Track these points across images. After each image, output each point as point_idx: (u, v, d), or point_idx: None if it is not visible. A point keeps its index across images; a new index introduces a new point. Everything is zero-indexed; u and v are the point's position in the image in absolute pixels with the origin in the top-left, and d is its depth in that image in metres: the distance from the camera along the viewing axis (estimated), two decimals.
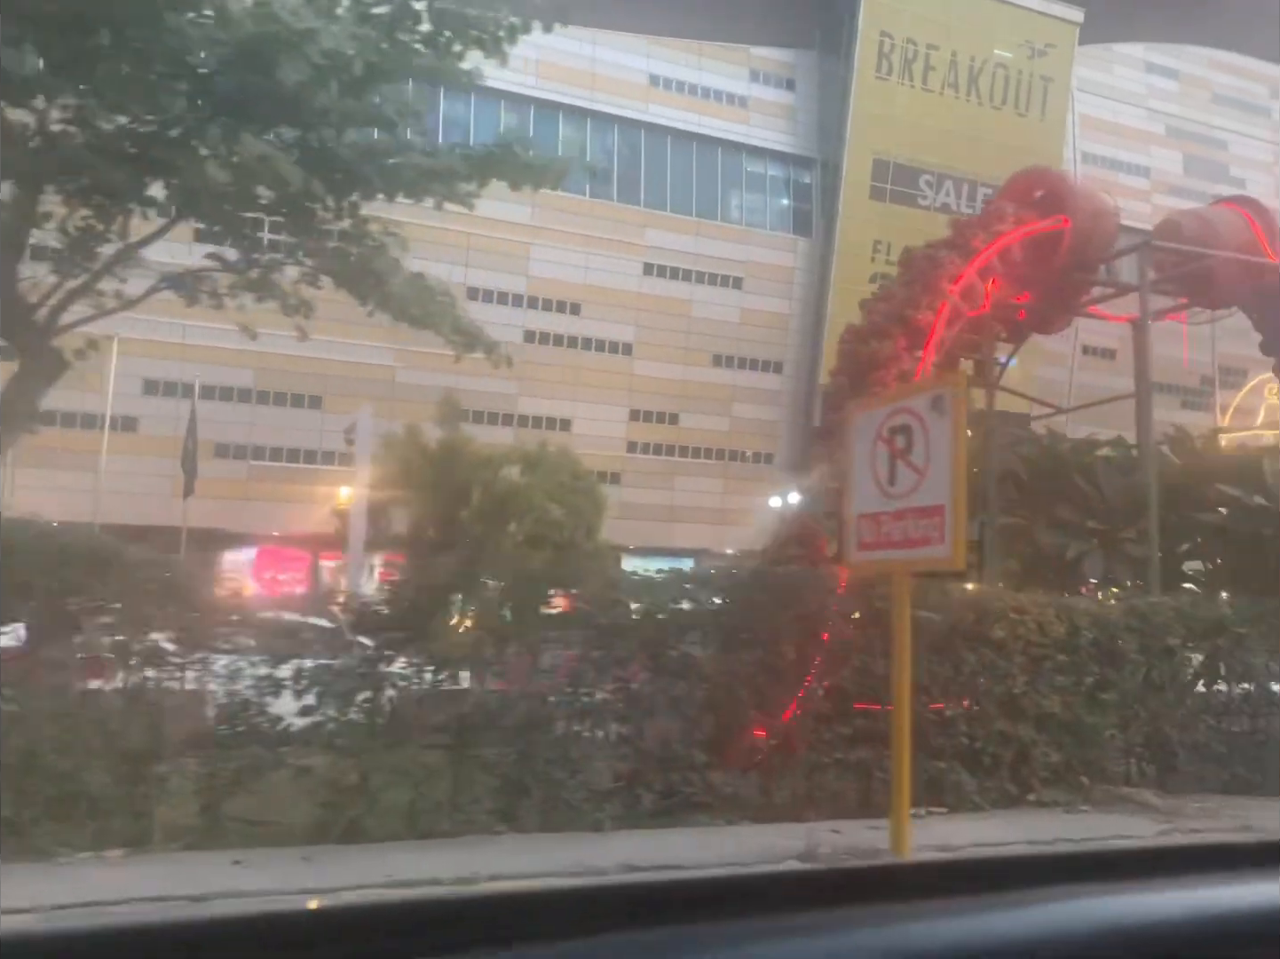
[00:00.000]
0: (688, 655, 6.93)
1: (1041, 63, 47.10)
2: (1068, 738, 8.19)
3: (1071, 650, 8.23)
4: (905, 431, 5.89)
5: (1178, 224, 13.05)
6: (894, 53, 46.32)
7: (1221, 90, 50.11)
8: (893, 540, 5.95)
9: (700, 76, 47.62)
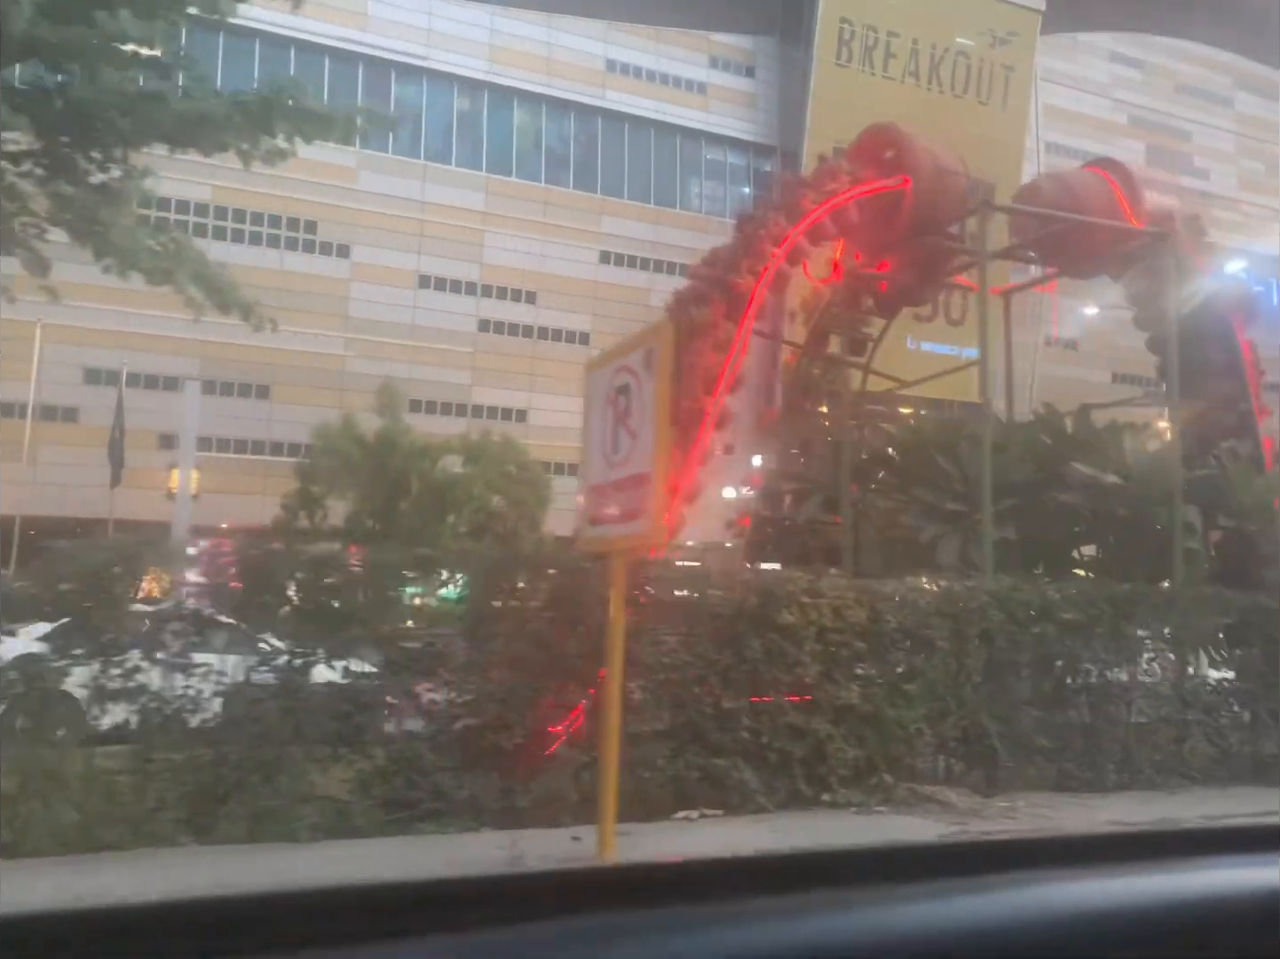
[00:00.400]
0: (429, 648, 6.50)
1: (1003, 51, 46.77)
2: (870, 732, 7.75)
3: (874, 637, 7.79)
4: (626, 392, 5.37)
5: (1038, 187, 12.49)
6: (854, 40, 45.94)
7: (1185, 80, 49.87)
8: (610, 515, 5.44)
9: (659, 62, 47.13)
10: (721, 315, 9.69)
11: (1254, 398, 12.19)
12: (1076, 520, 11.43)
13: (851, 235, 11.73)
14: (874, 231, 11.54)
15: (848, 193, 10.81)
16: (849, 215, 10.90)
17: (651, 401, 5.03)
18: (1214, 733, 9.61)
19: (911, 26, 45.75)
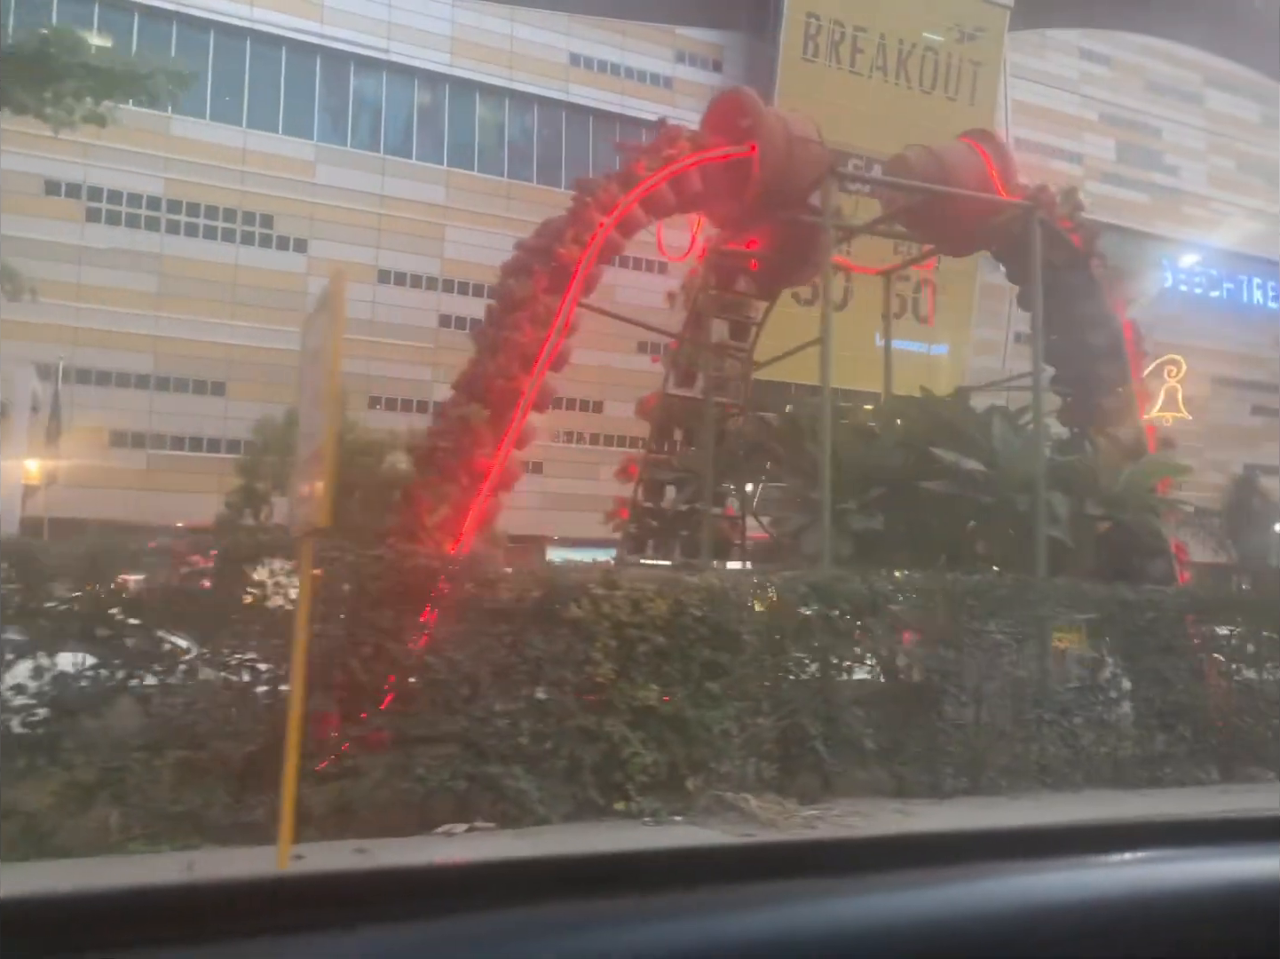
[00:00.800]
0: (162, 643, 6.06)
1: (971, 47, 46.52)
2: (673, 735, 7.28)
3: (678, 632, 7.32)
4: (316, 357, 4.86)
5: (904, 158, 11.97)
6: (821, 34, 45.64)
7: (1155, 78, 49.65)
8: (300, 495, 4.95)
9: (623, 56, 46.77)
10: (542, 288, 9.23)
11: (1135, 382, 11.77)
12: (944, 509, 11.02)
13: (699, 206, 11.24)
14: (724, 203, 11.04)
15: (688, 159, 10.31)
16: (691, 184, 10.41)
17: (322, 362, 4.53)
18: (1068, 734, 9.18)
19: (879, 21, 45.49)
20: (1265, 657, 10.81)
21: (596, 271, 9.95)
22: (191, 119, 37.76)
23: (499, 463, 8.99)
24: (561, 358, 9.58)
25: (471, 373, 9.66)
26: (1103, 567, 11.73)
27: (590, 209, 9.69)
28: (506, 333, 9.07)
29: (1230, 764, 10.25)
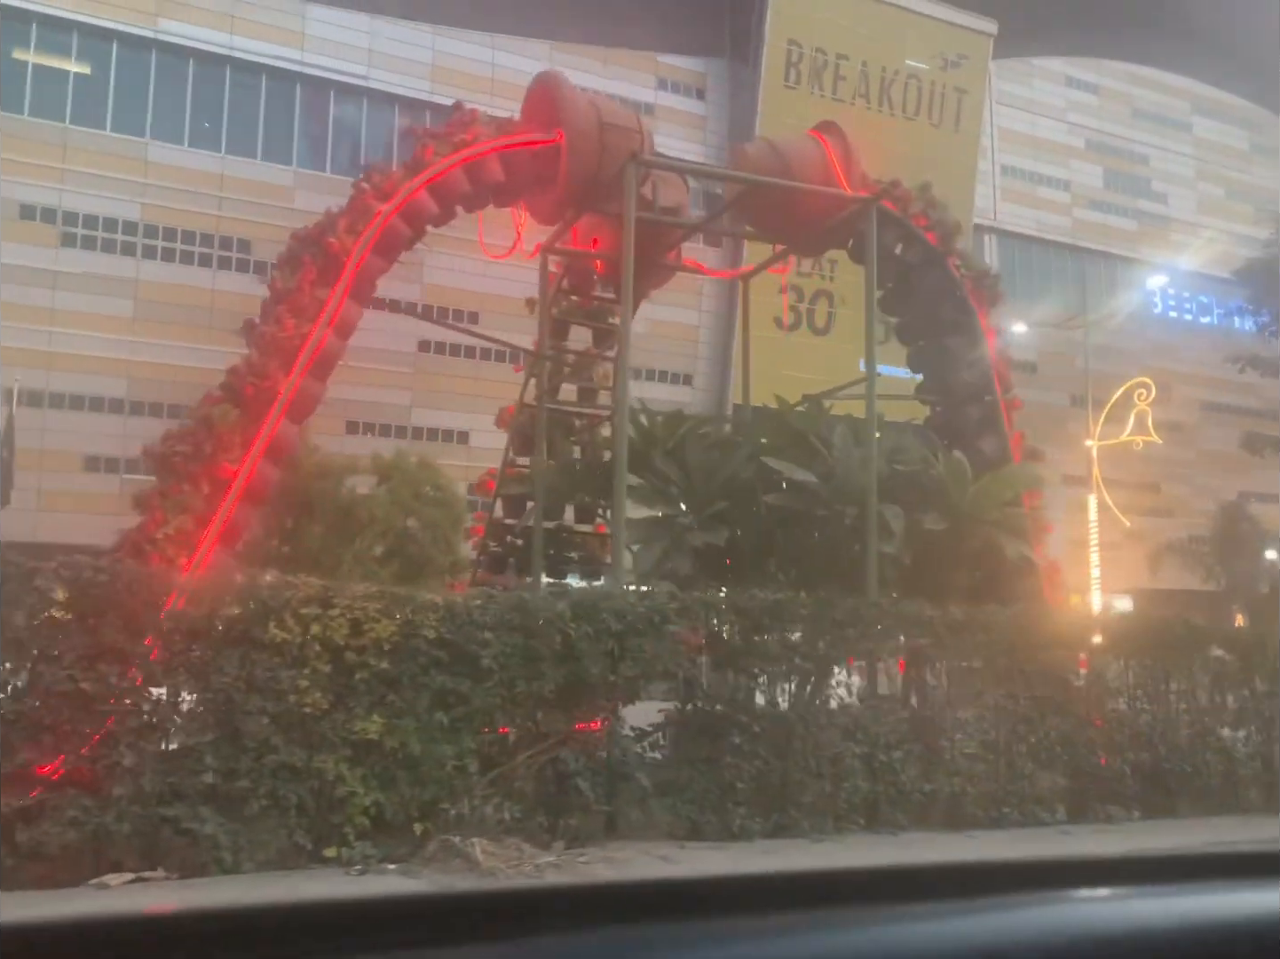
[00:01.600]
0: None
1: (955, 74, 46.44)
2: (401, 773, 6.66)
3: (406, 657, 6.73)
4: None
5: (744, 151, 11.37)
6: (803, 62, 45.68)
7: (1142, 105, 49.40)
8: None
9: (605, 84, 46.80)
10: (310, 280, 8.72)
11: (999, 391, 11.14)
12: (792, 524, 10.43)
13: (508, 196, 10.73)
14: (537, 194, 10.52)
15: (482, 146, 9.78)
16: (491, 172, 9.88)
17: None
18: (885, 769, 8.49)
19: (861, 49, 45.51)
20: (1135, 683, 10.14)
21: (375, 264, 9.43)
22: (169, 145, 38.02)
23: (247, 470, 8.46)
24: (328, 357, 9.05)
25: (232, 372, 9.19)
26: (978, 586, 11.09)
27: (367, 196, 9.19)
28: (267, 328, 8.58)
29: (1082, 803, 9.53)
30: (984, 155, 46.25)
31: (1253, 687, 10.59)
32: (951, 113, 44.96)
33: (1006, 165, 48.55)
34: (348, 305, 8.90)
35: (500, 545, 12.58)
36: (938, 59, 44.71)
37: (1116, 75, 48.96)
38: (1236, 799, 10.19)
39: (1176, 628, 10.40)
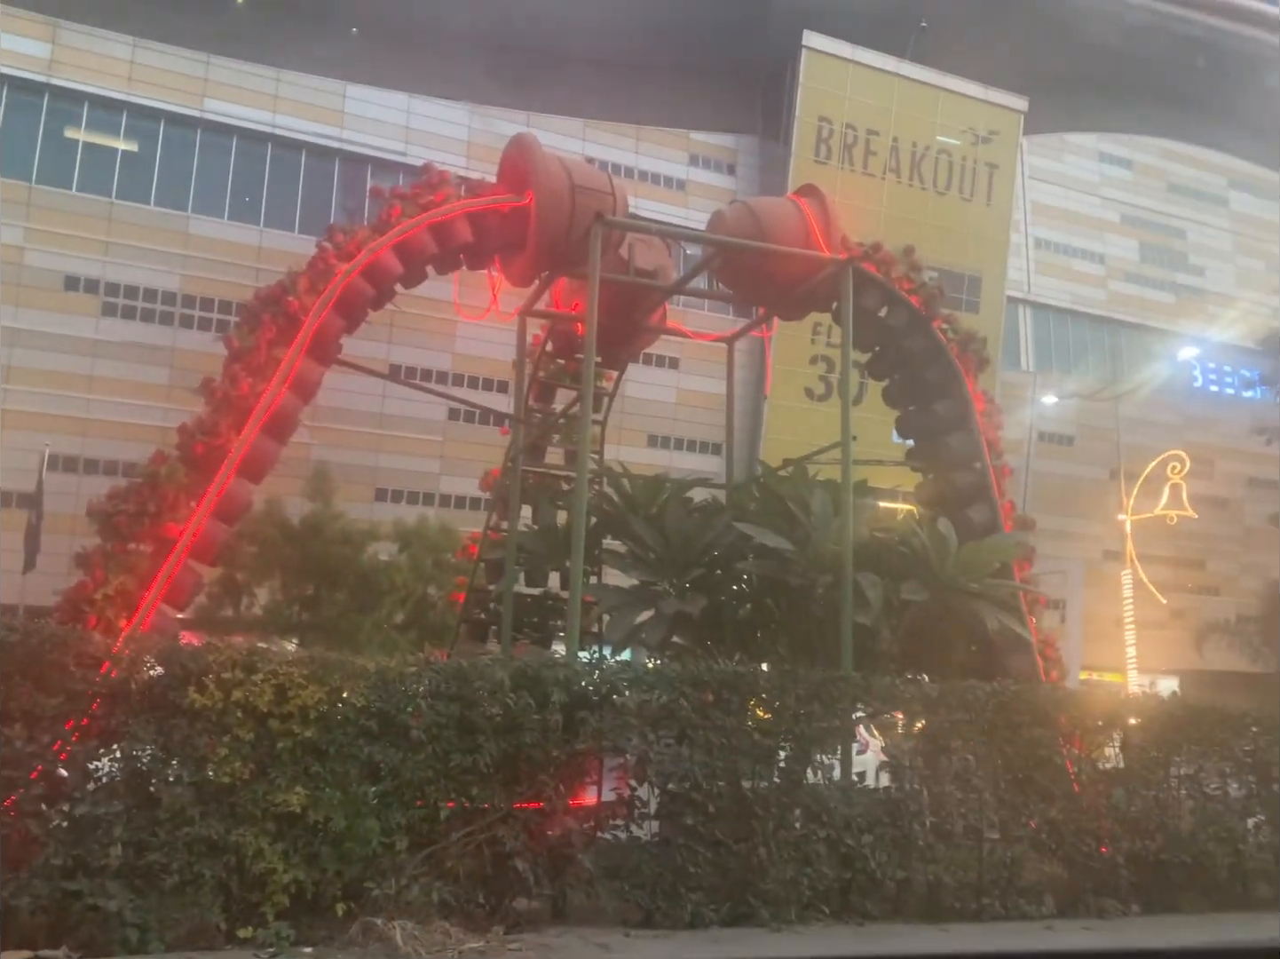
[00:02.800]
0: None
1: (985, 149, 46.82)
2: (326, 849, 6.37)
3: (333, 726, 6.48)
4: None
5: (722, 214, 11.22)
6: (833, 137, 46.36)
7: (1177, 180, 49.34)
8: None
9: (638, 160, 47.93)
10: (268, 339, 8.69)
11: (989, 457, 10.78)
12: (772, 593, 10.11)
13: (478, 258, 10.72)
14: (507, 255, 10.50)
15: (451, 207, 9.79)
16: (458, 233, 9.87)
17: None
18: (853, 855, 8.00)
19: (891, 125, 46.11)
20: (1132, 770, 9.56)
21: (336, 324, 9.40)
22: (210, 218, 39.31)
23: (193, 530, 8.35)
24: (285, 416, 8.98)
25: (182, 430, 9.16)
26: (970, 661, 10.65)
27: (328, 255, 9.22)
28: (222, 388, 8.55)
29: (1074, 895, 8.91)
30: (1017, 229, 46.28)
31: (1264, 773, 9.95)
32: (983, 187, 45.14)
33: (1040, 239, 48.56)
34: (306, 364, 8.87)
35: (483, 612, 12.37)
36: (968, 135, 45.07)
37: (1150, 150, 49.03)
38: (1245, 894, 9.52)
39: (1174, 707, 9.85)
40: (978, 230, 44.82)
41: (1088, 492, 43.59)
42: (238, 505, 9.11)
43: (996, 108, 44.59)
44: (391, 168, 43.25)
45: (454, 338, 41.66)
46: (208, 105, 39.00)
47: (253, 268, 39.75)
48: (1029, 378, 45.45)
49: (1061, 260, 47.69)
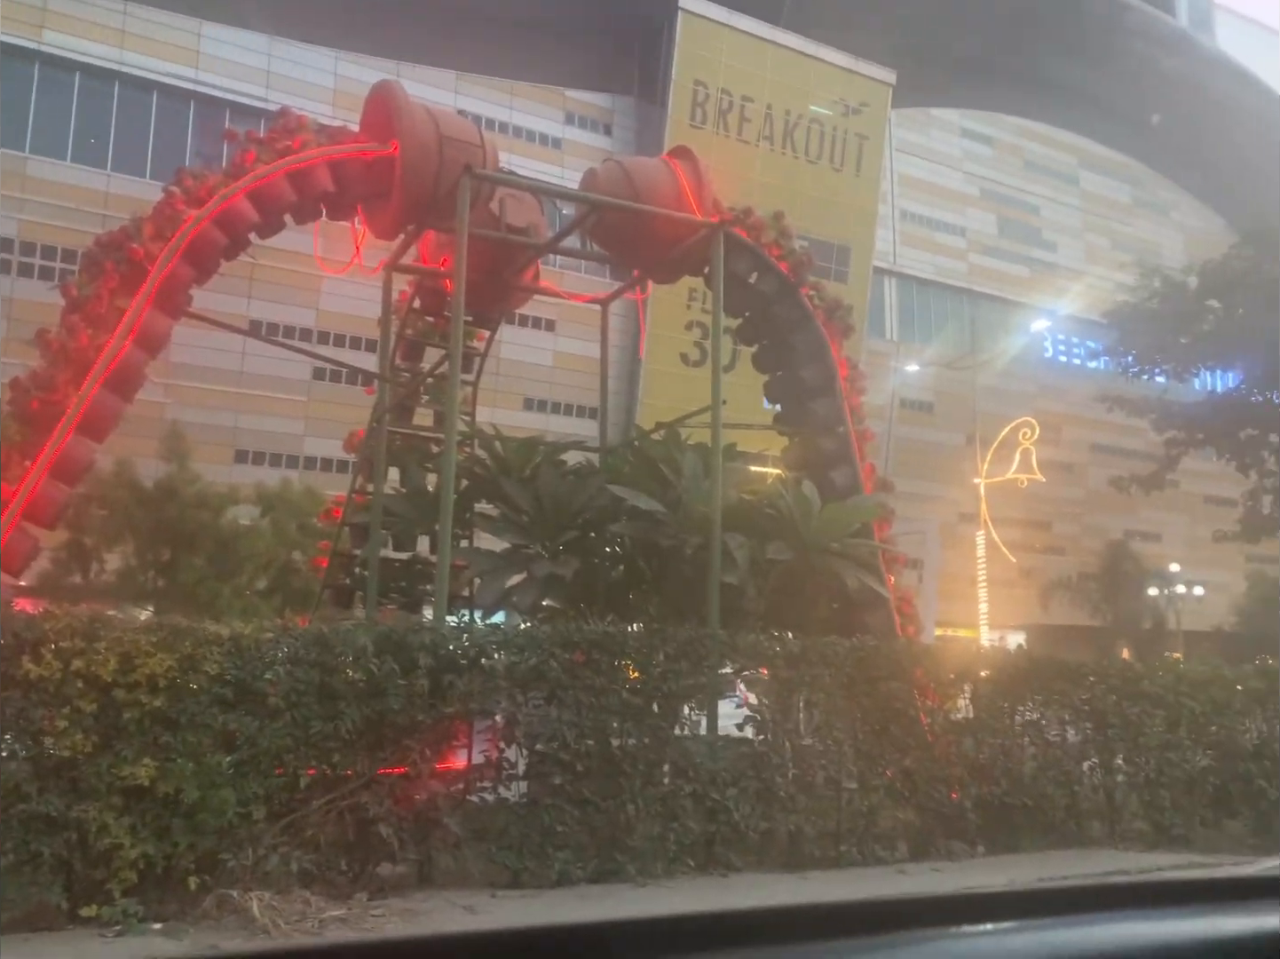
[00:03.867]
0: None
1: (856, 120, 47.57)
2: (178, 822, 6.08)
3: (184, 695, 6.19)
4: None
5: (594, 172, 11.16)
6: (708, 102, 46.29)
7: (1033, 158, 51.26)
8: None
9: (512, 116, 46.88)
10: (110, 288, 8.22)
11: (851, 422, 11.12)
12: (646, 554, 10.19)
13: (341, 208, 10.38)
14: (372, 207, 10.18)
15: (311, 154, 9.40)
16: (319, 182, 9.49)
17: None
18: (718, 809, 8.18)
19: (765, 93, 46.32)
20: (981, 720, 10.07)
21: (186, 273, 8.94)
22: (50, 160, 36.67)
23: (28, 490, 7.87)
24: (129, 371, 8.53)
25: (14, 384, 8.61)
26: (832, 619, 10.97)
27: (177, 201, 8.72)
28: (57, 337, 8.05)
29: (926, 840, 9.37)
30: (884, 200, 47.43)
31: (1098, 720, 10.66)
32: (853, 158, 46.05)
33: (906, 211, 49.86)
34: (152, 316, 8.36)
35: (348, 577, 12.05)
36: (840, 105, 45.82)
37: (1009, 129, 50.79)
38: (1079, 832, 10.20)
39: (1020, 660, 10.43)
40: (847, 200, 45.79)
41: (945, 456, 45.44)
42: (78, 465, 8.56)
43: (867, 80, 45.43)
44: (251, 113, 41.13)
45: (318, 293, 40.14)
46: (46, 38, 36.22)
47: (99, 214, 37.33)
48: (893, 346, 46.95)
49: (925, 232, 49.21)
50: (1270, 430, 28.73)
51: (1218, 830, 11.25)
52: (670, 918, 1.18)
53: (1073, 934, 1.20)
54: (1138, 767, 10.91)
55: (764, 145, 44.95)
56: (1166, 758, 10.84)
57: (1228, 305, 28.56)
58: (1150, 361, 30.31)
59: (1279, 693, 12.12)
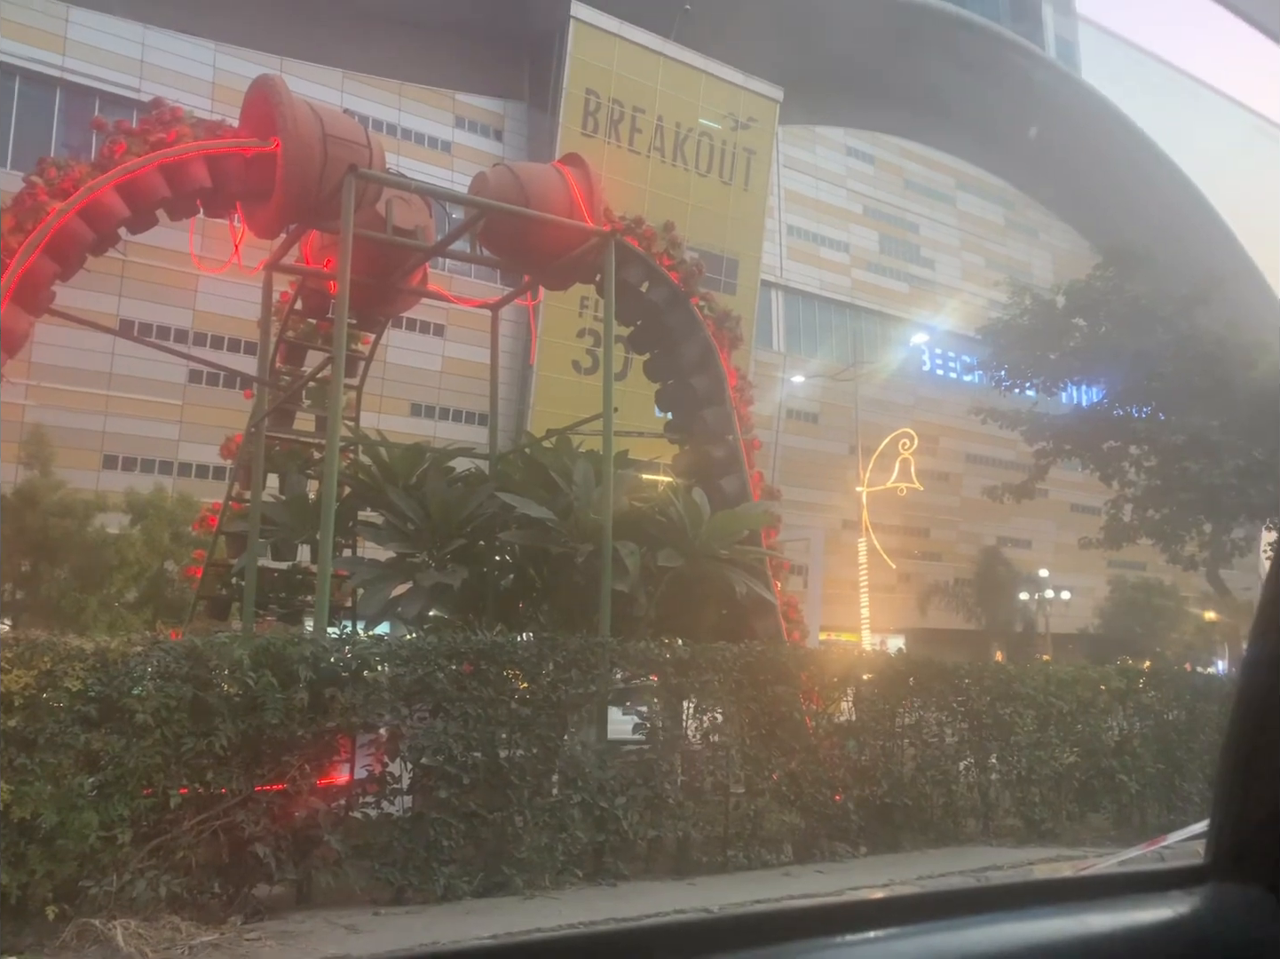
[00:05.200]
0: None
1: (744, 135, 48.32)
2: (35, 848, 5.71)
3: (43, 713, 5.82)
4: None
5: (484, 176, 11.13)
6: (600, 111, 46.35)
7: (913, 178, 52.95)
8: None
9: (400, 118, 46.06)
10: None
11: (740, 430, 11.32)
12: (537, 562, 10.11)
13: (218, 204, 10.07)
14: (251, 204, 9.90)
15: (186, 148, 9.08)
16: (194, 177, 9.17)
17: None
18: (607, 817, 8.15)
19: (656, 104, 46.64)
20: (863, 722, 10.32)
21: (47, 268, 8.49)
22: None
23: None
24: None
25: None
26: (721, 624, 11.07)
27: (39, 191, 8.28)
28: None
29: (811, 842, 9.54)
30: (771, 215, 48.38)
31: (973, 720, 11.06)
32: (741, 172, 46.86)
33: (792, 226, 50.93)
34: (11, 312, 7.87)
35: (223, 588, 11.60)
36: (729, 119, 46.57)
37: (891, 149, 52.40)
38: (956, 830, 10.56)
39: (900, 664, 10.76)
40: (736, 214, 46.59)
41: (829, 465, 46.58)
42: None
43: (755, 95, 46.32)
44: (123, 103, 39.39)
45: (195, 293, 38.63)
46: None
47: None
48: (779, 357, 47.92)
49: (811, 248, 50.40)
50: (1130, 443, 30.35)
51: (1082, 824, 11.79)
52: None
53: (952, 938, 1.23)
54: (1010, 765, 11.35)
55: (655, 156, 45.35)
56: (1037, 756, 11.31)
57: (1092, 323, 30.08)
58: (1022, 376, 31.68)
59: (1138, 691, 12.80)
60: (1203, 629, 45.86)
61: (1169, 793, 12.34)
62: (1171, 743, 12.53)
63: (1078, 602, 48.61)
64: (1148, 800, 12.30)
